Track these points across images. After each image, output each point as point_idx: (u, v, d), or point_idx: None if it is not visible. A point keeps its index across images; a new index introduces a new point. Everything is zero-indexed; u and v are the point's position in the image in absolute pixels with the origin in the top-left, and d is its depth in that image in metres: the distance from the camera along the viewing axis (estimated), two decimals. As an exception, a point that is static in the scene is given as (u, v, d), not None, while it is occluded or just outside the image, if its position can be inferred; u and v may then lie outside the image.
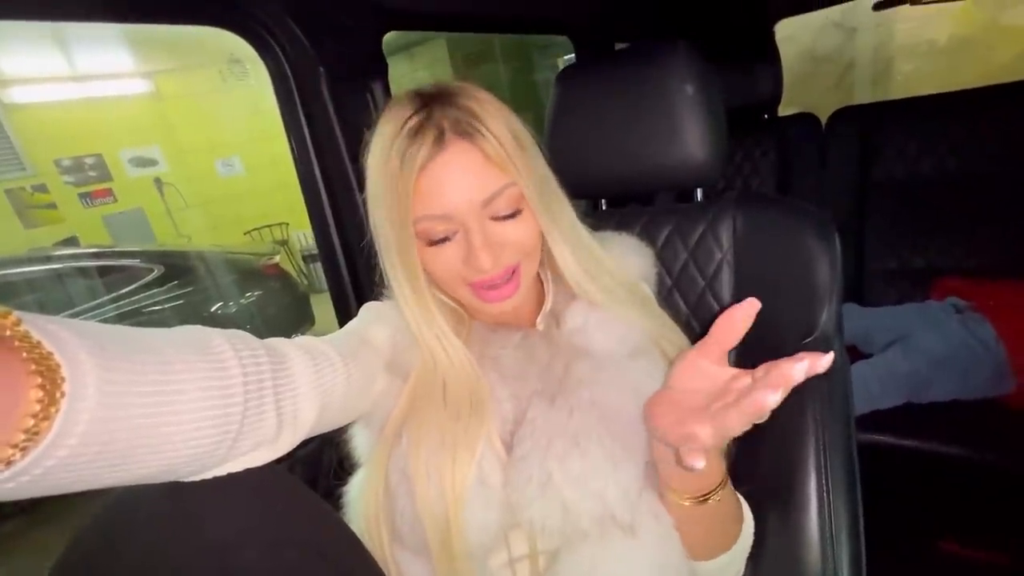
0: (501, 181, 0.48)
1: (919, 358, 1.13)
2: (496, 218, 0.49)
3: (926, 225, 1.45)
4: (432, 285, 0.54)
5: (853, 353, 1.30)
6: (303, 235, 5.21)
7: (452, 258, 0.50)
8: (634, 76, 0.70)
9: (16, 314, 0.25)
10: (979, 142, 1.41)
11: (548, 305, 0.59)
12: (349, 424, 0.54)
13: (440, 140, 0.47)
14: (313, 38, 0.76)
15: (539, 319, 0.59)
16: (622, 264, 0.62)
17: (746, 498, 0.55)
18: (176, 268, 2.83)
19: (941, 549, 1.05)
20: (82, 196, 3.94)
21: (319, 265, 5.20)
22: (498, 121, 0.48)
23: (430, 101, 0.48)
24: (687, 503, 0.47)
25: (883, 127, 1.53)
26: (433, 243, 0.50)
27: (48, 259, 2.74)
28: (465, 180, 0.48)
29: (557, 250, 0.54)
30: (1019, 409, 1.10)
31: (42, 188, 3.73)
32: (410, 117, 0.47)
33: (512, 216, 0.50)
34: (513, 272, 0.52)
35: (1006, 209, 1.35)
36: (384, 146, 0.48)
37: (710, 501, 0.46)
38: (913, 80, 2.72)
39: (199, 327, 0.37)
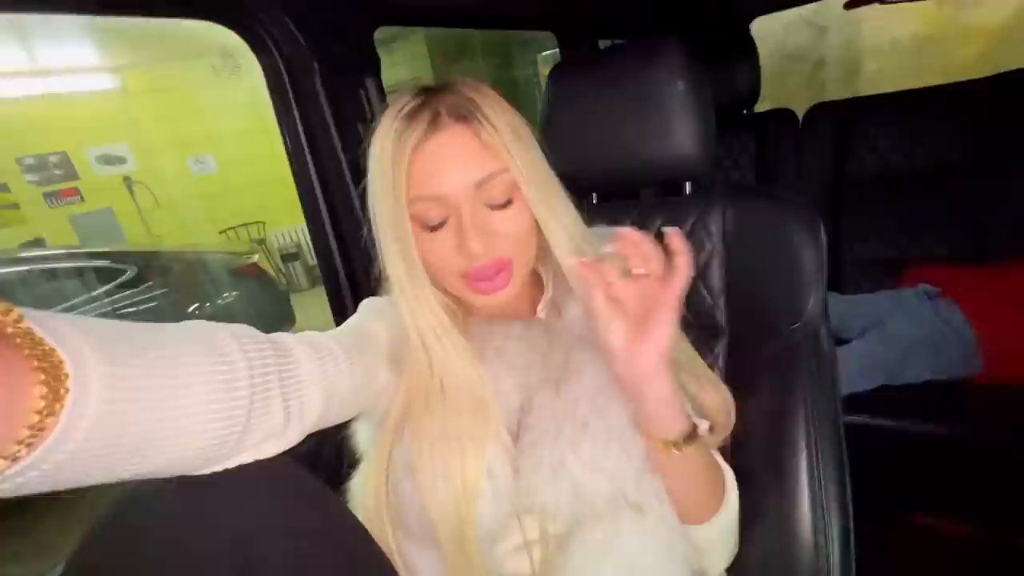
0: (495, 166, 0.49)
1: (894, 343, 1.18)
2: (490, 206, 0.50)
3: (897, 216, 1.50)
4: (431, 283, 0.53)
5: (830, 339, 1.35)
6: (280, 233, 5.11)
7: (445, 245, 0.49)
8: (627, 73, 0.71)
9: (18, 310, 0.25)
10: (944, 137, 1.47)
11: (548, 294, 0.60)
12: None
13: (436, 122, 0.48)
14: (307, 33, 0.75)
15: (540, 307, 0.60)
16: None
17: (740, 472, 0.57)
18: (149, 269, 2.74)
19: (917, 523, 1.11)
20: (47, 196, 3.79)
21: (298, 264, 5.13)
22: (496, 112, 0.49)
23: (430, 90, 0.50)
24: (664, 449, 0.47)
25: (856, 122, 1.59)
26: (428, 229, 0.50)
27: (14, 261, 2.63)
28: (459, 161, 0.48)
29: (560, 251, 0.52)
30: (986, 386, 1.16)
31: (3, 188, 3.58)
32: (408, 102, 0.49)
33: (506, 205, 0.50)
34: (504, 266, 0.51)
35: (969, 199, 1.41)
36: (382, 132, 0.49)
37: (685, 448, 0.47)
38: (879, 78, 2.80)
39: (204, 322, 0.37)
